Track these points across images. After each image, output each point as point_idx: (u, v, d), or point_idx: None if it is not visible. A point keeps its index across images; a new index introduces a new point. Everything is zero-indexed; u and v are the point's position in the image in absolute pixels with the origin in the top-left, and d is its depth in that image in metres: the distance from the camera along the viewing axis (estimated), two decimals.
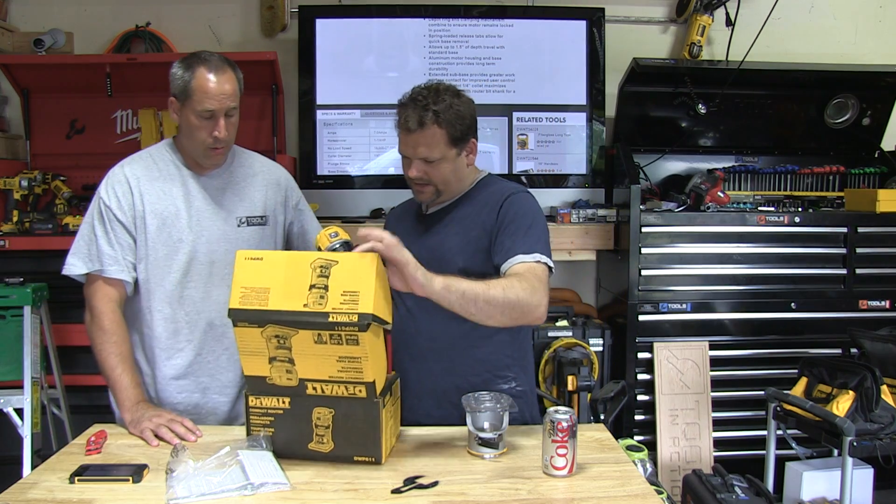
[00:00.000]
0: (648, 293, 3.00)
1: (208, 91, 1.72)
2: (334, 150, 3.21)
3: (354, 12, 3.28)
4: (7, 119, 3.35)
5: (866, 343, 2.73)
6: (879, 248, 3.05)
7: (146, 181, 1.79)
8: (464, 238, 1.72)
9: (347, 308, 1.34)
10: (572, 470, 1.40)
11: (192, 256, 1.79)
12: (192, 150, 1.81)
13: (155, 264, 1.78)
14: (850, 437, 2.29)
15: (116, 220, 1.75)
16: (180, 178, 1.82)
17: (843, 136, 3.48)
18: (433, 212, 1.81)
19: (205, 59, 1.76)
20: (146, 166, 1.81)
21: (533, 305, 1.54)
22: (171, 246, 1.78)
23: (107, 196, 1.76)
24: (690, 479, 2.45)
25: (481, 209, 1.73)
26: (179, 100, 1.75)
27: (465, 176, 1.78)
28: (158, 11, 3.33)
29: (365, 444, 1.43)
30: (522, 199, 1.72)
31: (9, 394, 2.63)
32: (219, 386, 1.84)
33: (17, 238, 2.87)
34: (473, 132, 1.75)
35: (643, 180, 3.23)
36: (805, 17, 3.58)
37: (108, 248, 1.74)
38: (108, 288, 1.75)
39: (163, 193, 1.79)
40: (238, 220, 1.87)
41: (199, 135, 1.76)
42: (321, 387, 1.41)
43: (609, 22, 3.34)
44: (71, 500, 1.29)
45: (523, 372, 1.79)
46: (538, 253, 1.63)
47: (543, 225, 1.71)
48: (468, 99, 1.73)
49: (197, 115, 1.73)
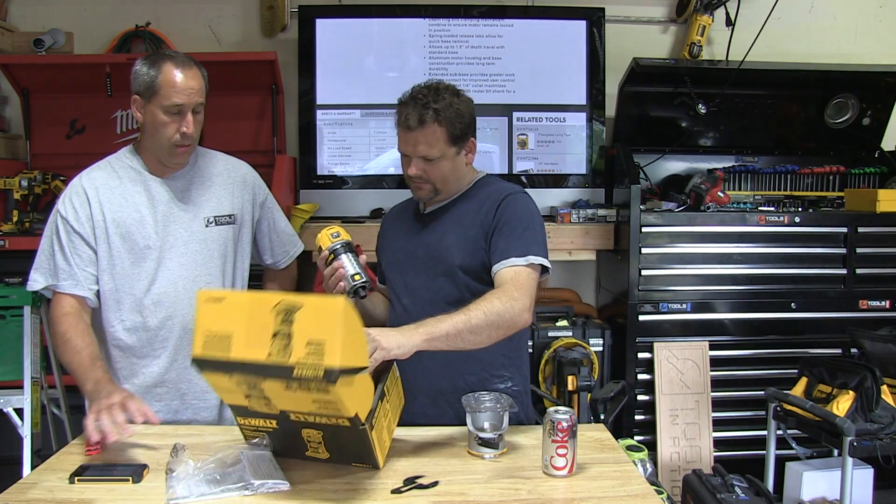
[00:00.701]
0: (648, 293, 3.00)
1: (176, 85, 1.69)
2: (334, 150, 3.21)
3: (354, 12, 3.28)
4: (7, 119, 3.35)
5: (866, 343, 2.73)
6: (879, 248, 3.05)
7: (105, 190, 1.77)
8: (461, 236, 1.72)
9: (313, 361, 1.21)
10: (572, 470, 1.40)
11: (159, 262, 1.78)
12: (156, 150, 1.77)
13: (122, 273, 1.76)
14: (850, 437, 2.29)
15: (74, 231, 1.73)
16: (142, 182, 1.79)
17: (843, 136, 3.47)
18: (431, 211, 1.81)
19: (170, 55, 1.73)
20: (105, 175, 1.79)
21: (515, 316, 1.56)
22: (138, 253, 1.77)
23: (64, 209, 1.74)
24: (690, 479, 2.45)
25: (479, 208, 1.73)
26: (145, 97, 1.71)
27: (463, 175, 1.79)
28: (158, 11, 3.32)
29: (360, 455, 1.42)
30: (520, 200, 1.73)
31: (9, 394, 2.64)
32: (198, 391, 1.81)
33: (17, 238, 2.87)
34: (472, 131, 1.75)
35: (643, 180, 3.23)
36: (805, 17, 3.58)
37: (64, 262, 1.73)
38: (66, 299, 1.74)
39: (124, 200, 1.77)
40: (206, 220, 1.85)
41: (166, 131, 1.72)
42: (303, 417, 1.36)
43: (609, 22, 3.34)
44: (71, 500, 1.29)
45: (519, 372, 1.79)
46: (532, 255, 1.65)
47: (540, 225, 1.73)
48: (467, 98, 1.74)
49: (164, 110, 1.70)
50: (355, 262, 1.65)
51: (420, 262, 1.78)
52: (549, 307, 3.23)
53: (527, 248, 1.65)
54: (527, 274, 1.64)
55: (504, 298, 1.56)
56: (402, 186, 3.18)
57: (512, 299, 1.56)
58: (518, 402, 1.72)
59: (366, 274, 1.65)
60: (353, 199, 3.22)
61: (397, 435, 1.59)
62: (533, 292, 1.63)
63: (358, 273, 1.63)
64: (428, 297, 1.75)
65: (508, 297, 1.57)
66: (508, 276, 1.63)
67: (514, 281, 1.62)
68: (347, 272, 1.63)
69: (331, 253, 1.65)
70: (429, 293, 1.75)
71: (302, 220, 3.03)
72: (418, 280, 1.78)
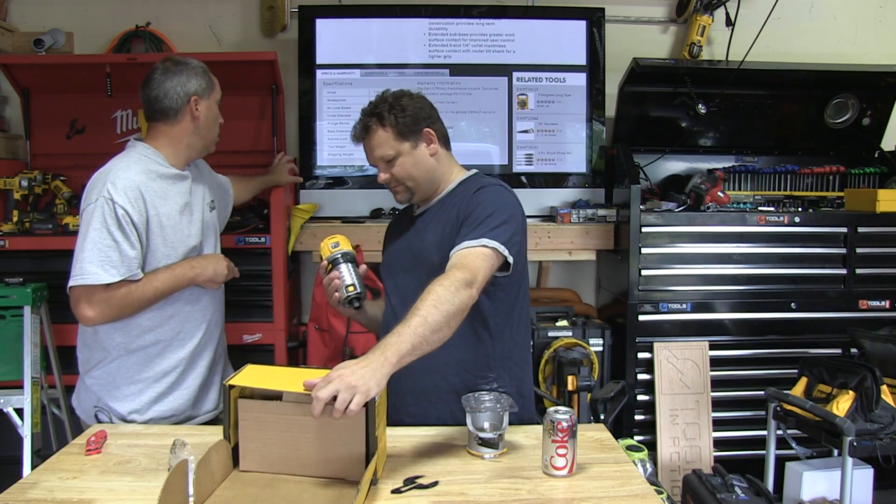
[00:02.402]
0: (648, 293, 3.00)
1: (218, 82, 1.97)
2: (335, 150, 3.21)
3: (354, 12, 3.27)
4: (7, 119, 3.34)
5: (866, 343, 2.73)
6: (879, 248, 3.05)
7: (148, 183, 1.83)
8: (439, 234, 1.73)
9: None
10: (572, 470, 1.40)
11: (188, 252, 1.90)
12: (207, 142, 1.97)
13: (152, 265, 1.85)
14: (850, 437, 2.29)
15: (132, 223, 1.77)
16: (171, 177, 1.90)
17: (843, 136, 3.47)
18: (420, 212, 1.84)
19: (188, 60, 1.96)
20: (143, 170, 1.84)
21: (464, 302, 1.50)
22: (169, 250, 1.86)
23: (121, 200, 1.76)
24: (690, 479, 2.45)
25: (456, 204, 1.74)
26: (204, 95, 1.91)
27: (433, 169, 1.79)
28: (158, 11, 3.32)
29: None
30: (491, 191, 1.72)
31: (9, 394, 2.63)
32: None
33: (17, 238, 2.86)
34: (425, 122, 1.76)
35: (643, 180, 3.23)
36: (805, 17, 3.58)
37: (133, 251, 1.77)
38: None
39: (166, 195, 1.86)
40: (210, 206, 2.04)
41: (217, 122, 1.97)
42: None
43: (609, 22, 3.34)
44: (71, 500, 1.29)
45: (507, 373, 1.75)
46: (486, 238, 1.60)
47: (510, 214, 1.67)
48: (417, 95, 1.79)
49: (216, 103, 1.95)
50: (353, 272, 1.71)
51: (407, 263, 1.80)
52: (549, 307, 3.23)
53: (482, 234, 1.61)
54: (476, 254, 1.58)
55: (448, 285, 1.49)
56: None
57: (455, 288, 1.49)
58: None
59: (361, 285, 1.71)
60: (353, 199, 3.22)
61: (397, 434, 1.59)
62: (480, 271, 1.56)
63: (352, 284, 1.70)
64: (413, 298, 1.73)
65: (451, 285, 1.49)
66: (455, 261, 1.58)
67: (459, 262, 1.56)
68: (343, 282, 1.71)
69: (329, 263, 1.72)
70: (414, 294, 1.74)
71: (302, 220, 3.02)
72: (405, 281, 1.79)
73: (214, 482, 1.36)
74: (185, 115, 1.89)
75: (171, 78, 1.88)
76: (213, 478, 1.35)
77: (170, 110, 1.88)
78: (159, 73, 1.89)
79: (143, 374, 1.86)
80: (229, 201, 2.30)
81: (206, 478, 1.32)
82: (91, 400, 1.88)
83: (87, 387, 1.89)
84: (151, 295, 1.80)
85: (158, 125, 1.91)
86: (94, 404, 1.86)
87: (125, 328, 1.83)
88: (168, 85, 1.87)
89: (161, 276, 1.81)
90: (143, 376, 1.86)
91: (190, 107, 1.89)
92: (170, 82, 1.87)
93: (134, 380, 1.85)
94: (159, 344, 1.87)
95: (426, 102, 1.81)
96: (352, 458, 1.36)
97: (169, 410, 1.88)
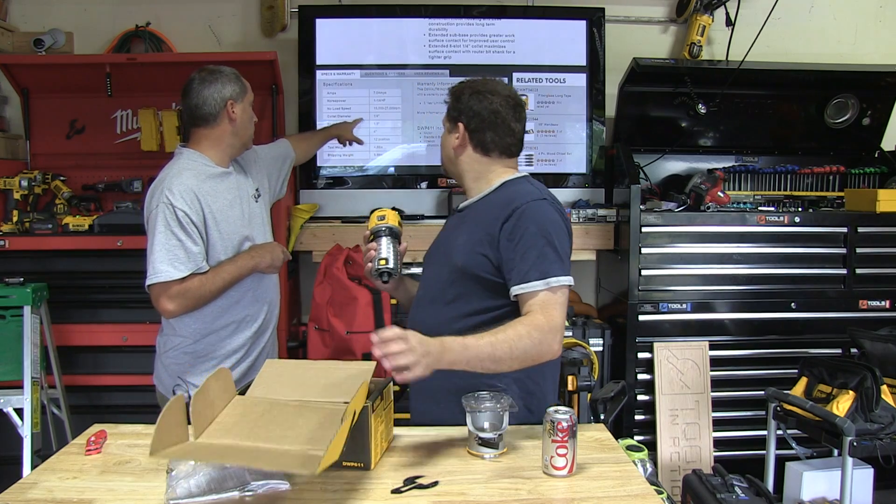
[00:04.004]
0: (648, 293, 3.00)
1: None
2: (335, 150, 3.21)
3: (354, 12, 3.28)
4: (7, 119, 3.35)
5: (866, 343, 2.73)
6: (879, 248, 3.05)
7: (200, 185, 2.00)
8: (469, 238, 1.71)
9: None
10: (572, 470, 1.40)
11: (240, 246, 2.07)
12: (244, 140, 2.13)
13: (214, 257, 2.03)
14: (850, 437, 2.29)
15: (192, 223, 1.96)
16: (218, 175, 2.07)
17: (843, 136, 3.47)
18: (461, 208, 1.84)
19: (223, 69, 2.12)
20: (194, 173, 2.02)
21: (542, 354, 1.55)
22: (225, 242, 2.04)
23: (180, 203, 1.94)
24: (690, 479, 2.45)
25: (491, 212, 1.69)
26: (239, 98, 2.07)
27: (454, 160, 1.79)
28: (158, 11, 3.32)
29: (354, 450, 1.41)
30: (534, 211, 1.64)
31: (9, 394, 2.64)
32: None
33: (17, 238, 2.86)
34: (464, 118, 1.75)
35: (643, 180, 3.23)
36: (805, 17, 3.58)
37: (196, 247, 1.96)
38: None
39: (216, 193, 2.03)
40: (254, 197, 2.19)
41: (252, 121, 2.14)
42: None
43: (609, 22, 3.34)
44: (71, 500, 1.29)
45: (515, 383, 1.67)
46: (552, 276, 1.58)
47: (559, 238, 1.63)
48: (490, 94, 1.74)
49: (250, 104, 2.12)
50: (390, 247, 1.77)
51: (439, 256, 1.81)
52: None
53: (546, 270, 1.58)
54: (554, 301, 1.57)
55: (534, 333, 1.52)
56: (401, 186, 3.23)
57: (540, 331, 1.53)
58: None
59: (396, 261, 1.76)
60: (353, 199, 3.22)
61: (397, 434, 1.59)
62: (563, 318, 1.59)
63: (385, 258, 1.75)
64: (432, 292, 1.77)
65: (538, 329, 1.53)
66: (537, 303, 1.57)
67: (544, 309, 1.56)
68: (378, 255, 1.76)
69: (372, 234, 1.80)
70: (432, 288, 1.77)
71: (302, 220, 3.03)
72: (432, 272, 1.81)
73: (215, 410, 1.40)
74: (223, 119, 2.06)
75: (209, 86, 2.03)
76: (213, 407, 1.40)
77: (210, 116, 2.04)
78: (197, 83, 2.05)
79: (217, 352, 2.07)
80: (288, 166, 2.47)
81: (204, 408, 1.36)
82: (171, 378, 2.07)
83: (165, 366, 2.10)
84: (221, 285, 2.00)
85: (200, 130, 2.07)
86: (175, 382, 2.06)
87: (200, 315, 2.03)
88: (206, 93, 2.03)
89: (227, 268, 2.02)
90: (217, 354, 2.07)
91: (227, 110, 2.05)
92: (207, 90, 2.03)
93: (209, 357, 2.07)
94: (230, 326, 2.08)
95: (497, 108, 1.73)
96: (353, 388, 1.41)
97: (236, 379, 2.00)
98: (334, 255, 2.84)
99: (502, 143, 1.76)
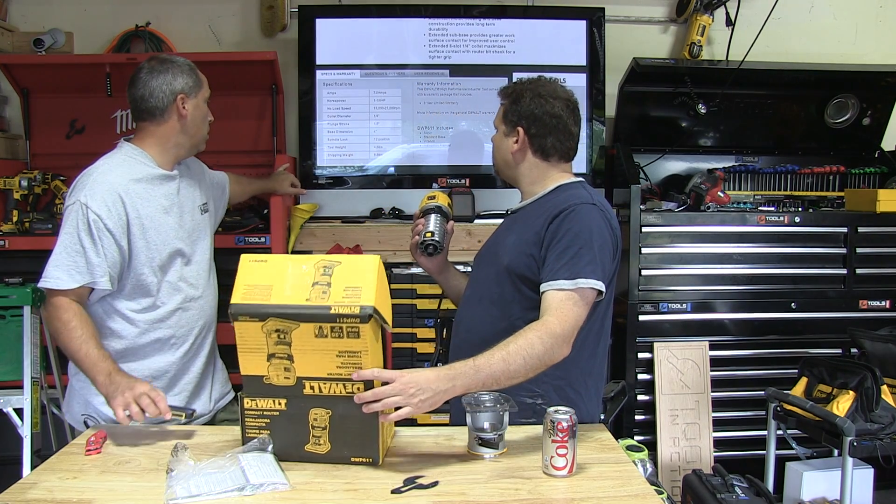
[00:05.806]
0: (648, 293, 3.00)
1: (206, 80, 1.95)
2: (335, 150, 3.21)
3: (354, 12, 3.27)
4: (7, 119, 3.34)
5: (866, 343, 2.73)
6: (879, 248, 3.05)
7: (130, 185, 1.81)
8: (518, 239, 1.71)
9: (349, 301, 1.38)
10: (572, 470, 1.40)
11: (170, 260, 1.87)
12: (195, 141, 1.93)
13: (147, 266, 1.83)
14: (850, 437, 2.29)
15: (106, 229, 1.74)
16: (156, 177, 1.88)
17: (843, 136, 3.47)
18: (514, 211, 1.84)
19: (175, 58, 1.94)
20: (126, 172, 1.82)
21: (553, 358, 1.52)
22: (151, 252, 1.83)
23: (96, 206, 1.74)
24: (690, 479, 2.45)
25: (541, 214, 1.69)
26: (192, 93, 1.88)
27: (509, 164, 1.78)
28: (158, 11, 3.32)
29: (362, 444, 1.43)
30: (580, 214, 1.63)
31: (9, 394, 2.63)
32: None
33: (17, 238, 2.86)
34: (525, 123, 1.73)
35: (643, 180, 3.23)
36: (805, 17, 3.58)
37: (99, 259, 1.74)
38: (77, 291, 1.75)
39: (150, 197, 1.84)
40: (201, 209, 2.00)
41: (207, 120, 1.95)
42: (319, 386, 1.42)
43: (609, 22, 3.33)
44: (71, 500, 1.29)
45: (555, 392, 1.66)
46: (582, 278, 1.56)
47: (599, 244, 1.62)
48: (551, 98, 1.73)
49: (205, 101, 1.93)
50: (438, 223, 1.84)
51: (489, 256, 1.81)
52: None
53: (577, 271, 1.57)
54: (573, 302, 1.55)
55: (546, 338, 1.50)
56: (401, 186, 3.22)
57: (552, 337, 1.50)
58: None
59: (442, 236, 1.82)
60: (353, 198, 3.21)
61: (397, 433, 1.59)
62: (577, 322, 1.56)
63: (432, 232, 1.82)
64: (479, 291, 1.78)
65: (550, 334, 1.51)
66: (554, 304, 1.55)
67: (559, 311, 1.54)
68: (425, 228, 1.84)
69: (422, 213, 1.88)
70: (480, 287, 1.78)
71: (302, 220, 3.02)
72: (481, 272, 1.82)
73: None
74: (171, 114, 1.86)
75: (157, 77, 1.85)
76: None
77: (156, 109, 1.85)
78: (145, 72, 1.86)
79: (137, 373, 1.78)
80: (224, 200, 2.26)
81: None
82: (80, 405, 1.86)
83: (76, 391, 1.88)
84: (67, 347, 1.73)
85: (145, 125, 1.88)
86: (83, 411, 1.85)
87: (121, 331, 1.83)
88: (154, 84, 1.84)
89: (85, 349, 1.70)
90: (137, 374, 1.77)
91: (177, 105, 1.86)
92: (155, 81, 1.84)
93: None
94: (149, 346, 1.86)
95: (558, 112, 1.73)
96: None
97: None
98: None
99: (562, 148, 1.76)
